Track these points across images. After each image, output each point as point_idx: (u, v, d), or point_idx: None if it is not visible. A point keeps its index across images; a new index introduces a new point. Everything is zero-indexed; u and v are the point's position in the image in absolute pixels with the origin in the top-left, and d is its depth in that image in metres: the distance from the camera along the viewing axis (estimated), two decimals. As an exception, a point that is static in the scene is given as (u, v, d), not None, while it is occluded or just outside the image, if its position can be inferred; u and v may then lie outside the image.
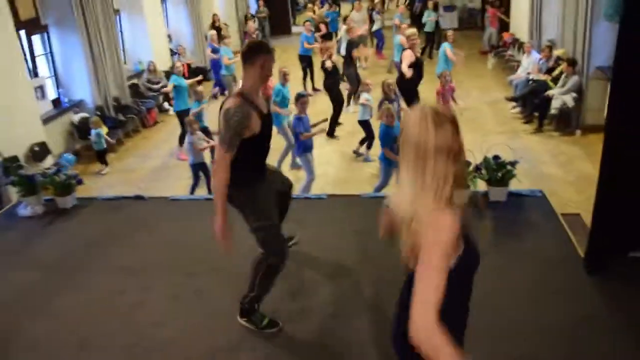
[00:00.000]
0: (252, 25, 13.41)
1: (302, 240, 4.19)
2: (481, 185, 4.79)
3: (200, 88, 8.18)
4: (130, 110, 9.46)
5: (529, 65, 9.49)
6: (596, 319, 3.26)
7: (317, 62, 10.49)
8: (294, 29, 20.08)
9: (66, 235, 4.73)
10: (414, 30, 8.41)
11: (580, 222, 4.54)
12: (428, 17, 13.09)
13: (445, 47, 9.28)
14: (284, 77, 7.35)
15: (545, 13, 10.02)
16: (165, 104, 10.55)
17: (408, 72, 7.50)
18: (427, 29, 13.04)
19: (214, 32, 11.68)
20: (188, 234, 4.54)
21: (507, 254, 3.97)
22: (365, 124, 7.56)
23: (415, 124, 1.63)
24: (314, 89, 11.03)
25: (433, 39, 13.10)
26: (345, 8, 18.13)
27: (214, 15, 13.39)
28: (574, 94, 7.98)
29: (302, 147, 6.18)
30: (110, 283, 3.95)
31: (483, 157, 4.69)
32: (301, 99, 6.26)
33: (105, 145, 7.94)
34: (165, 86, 9.48)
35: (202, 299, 3.73)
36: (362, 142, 7.76)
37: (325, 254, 4.17)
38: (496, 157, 4.59)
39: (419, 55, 8.13)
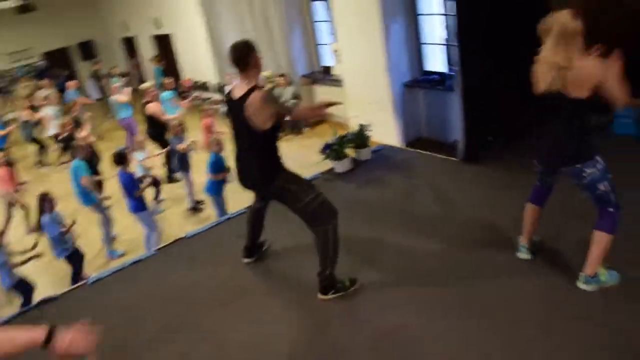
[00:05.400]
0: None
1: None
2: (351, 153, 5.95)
3: None
4: None
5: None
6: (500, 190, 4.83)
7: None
8: None
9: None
10: (149, 83, 8.77)
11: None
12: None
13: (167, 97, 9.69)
14: None
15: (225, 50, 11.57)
16: None
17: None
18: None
19: None
20: (160, 292, 4.14)
21: (415, 182, 5.25)
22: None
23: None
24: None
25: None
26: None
27: None
28: (295, 100, 9.82)
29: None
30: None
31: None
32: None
33: None
34: None
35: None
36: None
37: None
38: (362, 126, 5.83)
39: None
